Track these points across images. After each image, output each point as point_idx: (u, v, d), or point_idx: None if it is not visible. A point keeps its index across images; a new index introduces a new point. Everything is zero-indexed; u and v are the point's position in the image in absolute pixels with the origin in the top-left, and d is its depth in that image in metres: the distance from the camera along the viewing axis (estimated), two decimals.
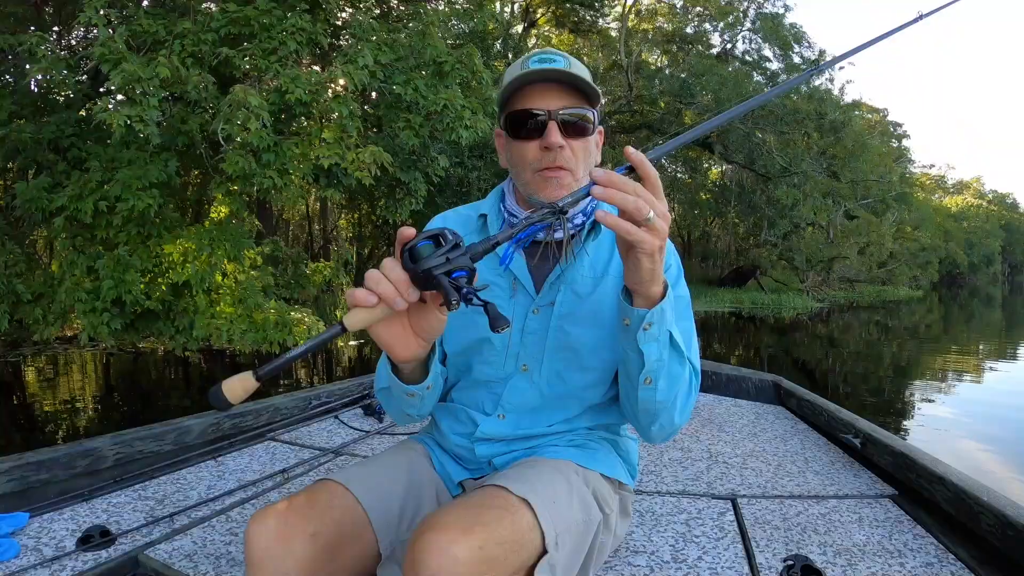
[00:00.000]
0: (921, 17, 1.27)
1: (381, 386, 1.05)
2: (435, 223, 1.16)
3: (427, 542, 0.75)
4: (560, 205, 0.78)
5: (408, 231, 0.76)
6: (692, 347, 1.03)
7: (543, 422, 1.10)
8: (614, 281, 1.05)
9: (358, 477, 1.03)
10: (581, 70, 1.01)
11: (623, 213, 0.77)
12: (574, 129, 1.00)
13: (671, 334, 0.91)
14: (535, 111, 1.00)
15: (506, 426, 1.09)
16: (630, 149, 0.79)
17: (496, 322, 0.73)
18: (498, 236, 0.76)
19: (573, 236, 1.04)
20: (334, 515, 0.96)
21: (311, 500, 0.96)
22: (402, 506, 1.04)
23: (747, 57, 20.97)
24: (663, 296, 0.88)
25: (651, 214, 0.76)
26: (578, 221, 1.07)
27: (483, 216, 1.13)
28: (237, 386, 0.73)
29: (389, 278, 0.75)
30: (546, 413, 1.10)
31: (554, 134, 0.98)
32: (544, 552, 0.84)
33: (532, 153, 1.01)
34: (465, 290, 0.72)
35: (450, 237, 0.75)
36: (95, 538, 1.38)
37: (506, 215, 1.10)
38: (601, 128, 1.07)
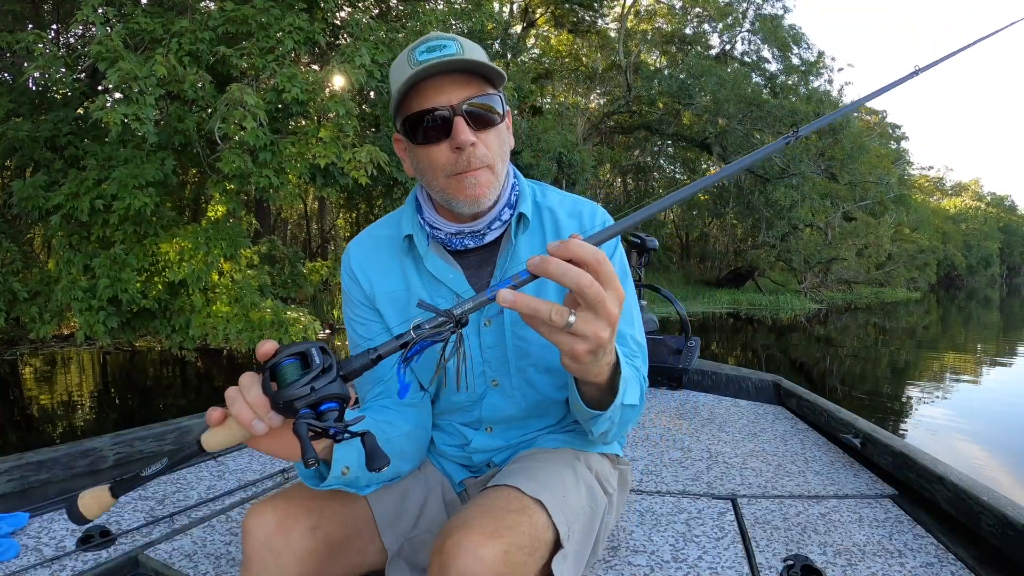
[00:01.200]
0: (917, 72, 1.21)
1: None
2: (353, 252, 1.08)
3: (455, 544, 0.75)
4: (458, 314, 0.65)
5: (268, 346, 0.65)
6: (636, 324, 1.01)
7: (531, 428, 1.09)
8: None
9: None
10: (476, 52, 0.91)
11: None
12: (482, 120, 0.90)
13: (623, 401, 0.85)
14: (435, 109, 0.88)
15: (496, 438, 1.08)
16: (534, 260, 0.62)
17: (372, 460, 0.63)
18: (380, 349, 0.65)
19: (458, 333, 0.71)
20: (335, 508, 0.94)
21: (312, 491, 0.93)
22: (408, 502, 1.03)
23: (746, 58, 21.03)
24: (615, 378, 0.80)
25: (571, 318, 0.63)
26: (505, 217, 1.00)
27: (408, 237, 1.03)
28: (92, 503, 0.70)
29: (246, 399, 0.65)
30: (532, 422, 1.09)
31: (463, 132, 0.88)
32: (555, 546, 0.85)
33: (442, 157, 0.90)
34: (333, 429, 0.62)
35: (317, 359, 0.64)
36: (95, 538, 1.38)
37: (428, 229, 1.01)
38: (508, 109, 0.98)
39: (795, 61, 20.22)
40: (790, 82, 20.01)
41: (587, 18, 19.72)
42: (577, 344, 0.65)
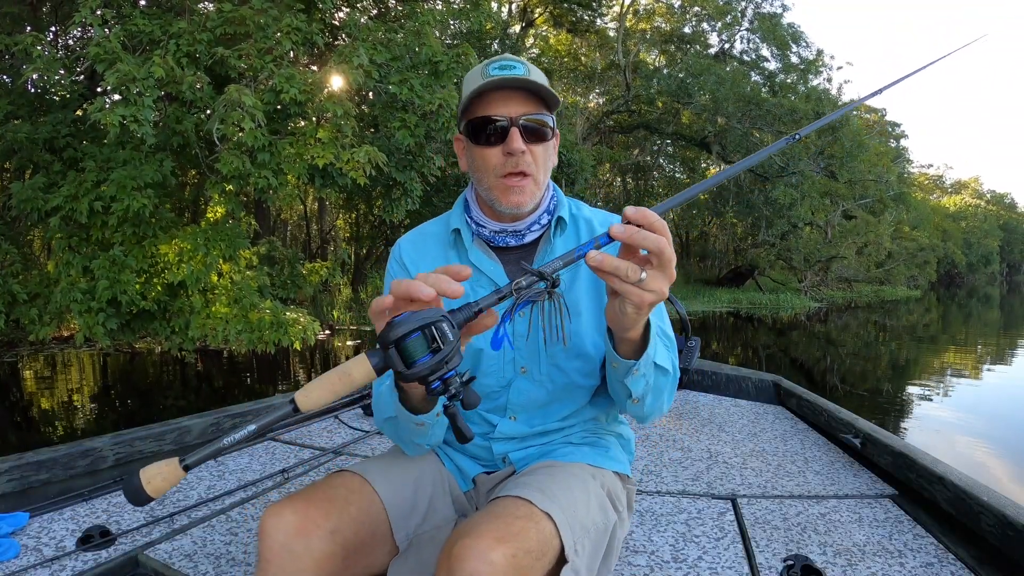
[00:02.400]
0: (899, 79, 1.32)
1: (386, 415, 1.02)
2: (404, 245, 1.18)
3: (465, 547, 0.79)
4: (552, 275, 0.74)
5: (385, 301, 0.72)
6: (664, 319, 1.09)
7: (554, 416, 1.13)
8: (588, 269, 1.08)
9: (376, 469, 1.05)
10: (540, 77, 1.04)
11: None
12: (535, 135, 1.03)
13: (656, 361, 0.93)
14: (497, 117, 1.01)
15: (520, 425, 1.12)
16: (617, 228, 0.74)
17: (469, 399, 0.72)
18: (481, 302, 0.73)
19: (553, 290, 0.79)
20: (351, 511, 0.96)
21: (329, 494, 0.96)
22: (416, 499, 1.06)
23: (745, 57, 21.02)
24: (646, 335, 0.89)
25: (643, 274, 0.75)
26: (543, 221, 1.10)
27: (456, 231, 1.13)
28: (157, 479, 0.62)
29: (410, 281, 0.72)
30: (555, 407, 1.12)
31: (516, 140, 1.00)
32: (562, 556, 0.88)
33: (495, 159, 1.03)
34: (462, 395, 0.71)
35: (451, 336, 0.68)
36: (95, 538, 1.38)
37: (474, 227, 1.12)
38: (558, 132, 1.11)
39: (794, 59, 20.22)
40: (789, 80, 20.00)
41: (586, 17, 19.70)
42: (645, 296, 0.76)
